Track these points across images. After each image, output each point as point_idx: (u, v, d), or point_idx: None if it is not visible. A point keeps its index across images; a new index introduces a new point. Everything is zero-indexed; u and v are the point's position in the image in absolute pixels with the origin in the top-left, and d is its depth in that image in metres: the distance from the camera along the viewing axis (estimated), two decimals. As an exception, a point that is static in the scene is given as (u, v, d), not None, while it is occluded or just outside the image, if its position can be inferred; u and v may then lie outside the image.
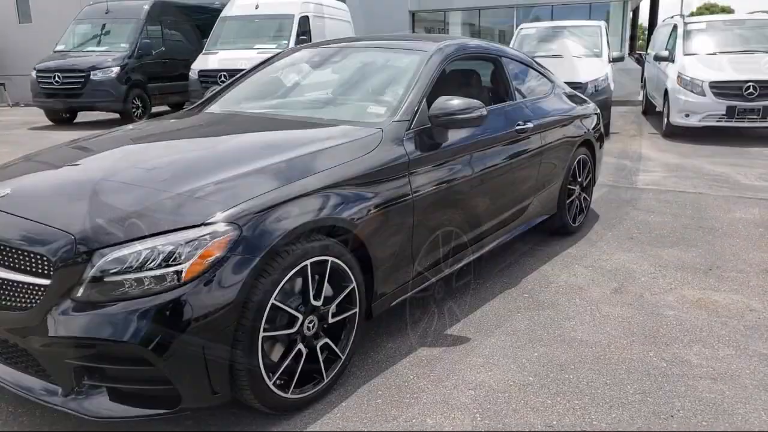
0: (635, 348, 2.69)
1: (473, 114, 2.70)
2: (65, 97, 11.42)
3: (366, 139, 2.52)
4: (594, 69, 9.02)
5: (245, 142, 2.62)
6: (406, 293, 2.72)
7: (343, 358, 2.34)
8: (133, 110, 11.68)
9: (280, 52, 3.66)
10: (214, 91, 3.53)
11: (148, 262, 1.85)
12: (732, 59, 8.61)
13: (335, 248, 2.22)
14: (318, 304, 2.20)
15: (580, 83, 8.73)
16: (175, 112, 3.61)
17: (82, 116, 12.84)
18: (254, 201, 2.02)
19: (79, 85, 11.24)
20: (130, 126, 3.17)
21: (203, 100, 3.48)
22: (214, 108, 3.31)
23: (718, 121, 8.20)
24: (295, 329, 2.12)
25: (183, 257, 1.86)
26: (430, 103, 2.76)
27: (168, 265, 1.85)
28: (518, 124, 3.41)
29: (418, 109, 2.73)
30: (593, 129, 4.44)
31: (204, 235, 1.88)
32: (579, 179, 4.30)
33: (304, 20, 11.78)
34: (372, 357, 2.62)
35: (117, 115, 11.82)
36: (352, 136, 2.53)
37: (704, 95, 8.21)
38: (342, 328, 2.35)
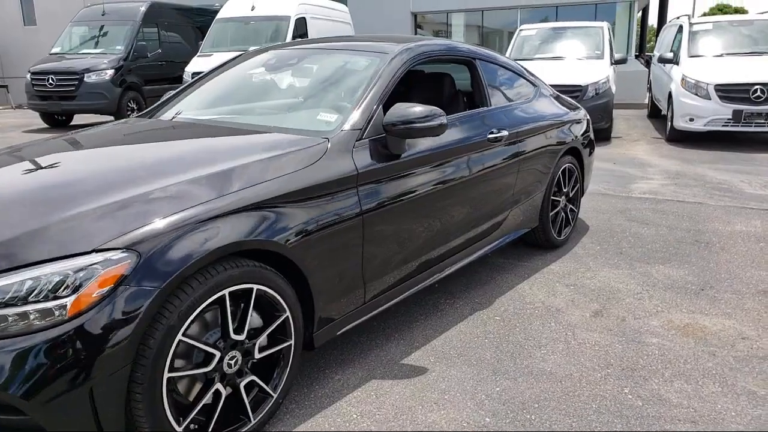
0: (609, 383, 2.42)
1: (432, 122, 2.45)
2: (59, 100, 11.29)
3: (308, 151, 2.28)
4: (594, 71, 8.73)
5: (172, 154, 2.37)
6: (357, 319, 2.47)
7: (275, 396, 2.10)
8: (129, 113, 11.53)
9: (239, 55, 3.43)
10: (169, 96, 3.31)
11: (33, 294, 1.62)
12: (739, 61, 8.28)
13: (263, 274, 1.97)
14: (241, 338, 1.95)
15: (580, 86, 8.47)
16: (123, 120, 3.38)
17: (79, 119, 12.72)
18: (161, 222, 1.77)
19: (73, 88, 11.11)
20: (71, 133, 2.95)
21: (155, 105, 3.26)
22: (164, 114, 3.08)
23: (723, 125, 7.87)
24: (211, 367, 1.88)
25: (70, 288, 1.62)
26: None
27: (55, 298, 1.62)
28: (491, 132, 3.15)
29: (372, 117, 2.48)
30: (581, 135, 4.17)
31: (94, 264, 1.65)
32: (565, 190, 4.03)
33: (301, 22, 11.58)
34: (316, 391, 2.37)
35: (112, 118, 11.69)
36: (292, 147, 2.28)
37: (709, 99, 7.89)
38: (275, 363, 2.11)
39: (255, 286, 1.95)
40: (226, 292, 1.86)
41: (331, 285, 2.25)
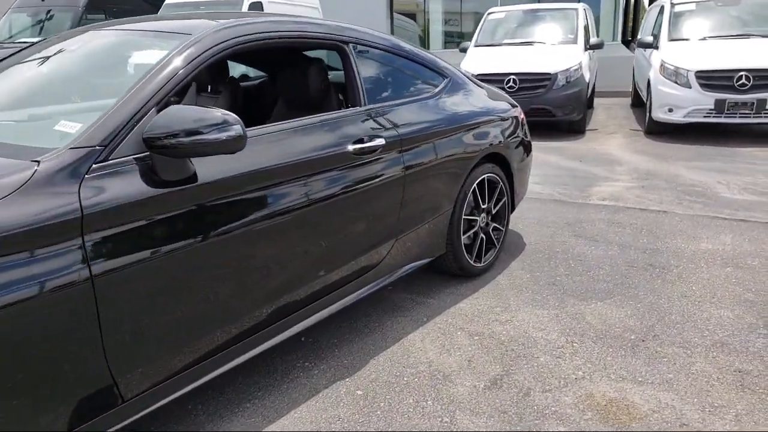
0: None
1: (217, 136, 1.68)
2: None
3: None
4: (566, 58, 7.91)
5: None
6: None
7: None
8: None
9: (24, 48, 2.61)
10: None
11: None
12: (723, 45, 7.46)
13: None
14: None
15: (548, 74, 7.68)
16: None
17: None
18: None
19: None
20: None
21: None
22: None
23: (705, 116, 7.07)
24: None
25: None
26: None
27: None
28: (357, 141, 2.37)
29: (128, 128, 1.70)
30: (509, 137, 3.39)
31: None
32: (485, 206, 3.26)
33: (257, 7, 10.73)
34: None
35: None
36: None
37: (690, 87, 7.08)
38: None
39: None
40: None
41: (17, 382, 1.48)
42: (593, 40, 8.60)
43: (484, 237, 3.28)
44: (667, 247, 3.69)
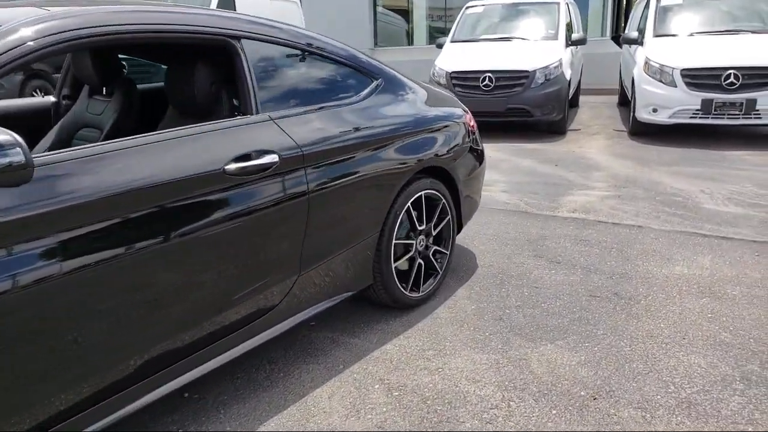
0: None
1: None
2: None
3: None
4: (545, 54, 7.47)
5: None
6: None
7: None
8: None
9: None
10: None
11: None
12: (711, 41, 7.02)
13: None
14: None
15: (526, 72, 7.24)
16: None
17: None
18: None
19: None
20: None
21: None
22: None
23: (691, 117, 6.63)
24: None
25: None
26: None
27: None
28: (241, 158, 1.92)
29: None
30: (452, 147, 2.94)
31: None
32: (423, 227, 2.81)
33: (228, 1, 10.24)
34: None
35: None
36: None
37: (675, 86, 6.65)
38: None
39: None
40: None
41: None
42: (575, 35, 8.15)
43: (422, 263, 2.84)
44: (636, 271, 3.26)
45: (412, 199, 2.67)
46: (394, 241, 2.61)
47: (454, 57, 7.85)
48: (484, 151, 3.35)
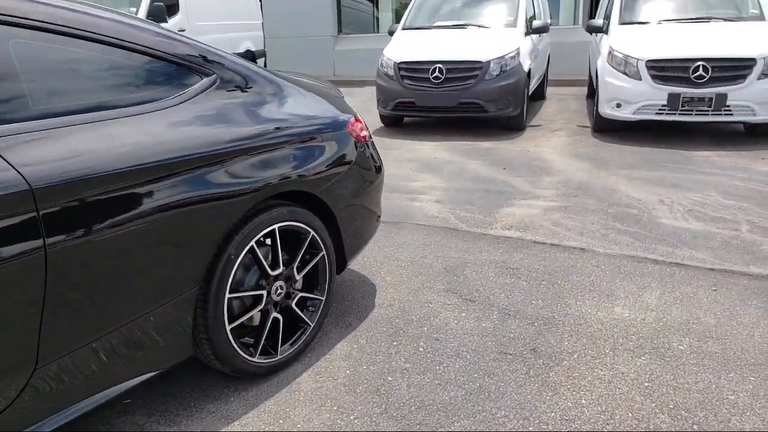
0: None
1: None
2: None
3: None
4: (501, 43, 6.81)
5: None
6: None
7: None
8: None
9: None
10: None
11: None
12: (680, 30, 6.42)
13: None
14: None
15: (479, 62, 6.59)
16: None
17: None
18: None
19: None
20: None
21: None
22: None
23: (657, 113, 6.03)
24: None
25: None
26: None
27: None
28: None
29: None
30: (326, 165, 2.27)
31: None
32: (279, 271, 2.16)
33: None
34: None
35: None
36: None
37: (640, 79, 6.04)
38: None
39: None
40: None
41: None
42: (537, 22, 7.49)
43: (280, 317, 2.19)
44: (566, 314, 2.64)
45: (258, 236, 2.02)
46: (228, 295, 1.95)
47: (404, 46, 7.18)
48: (380, 165, 2.70)
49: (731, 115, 5.79)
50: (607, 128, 6.66)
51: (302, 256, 2.26)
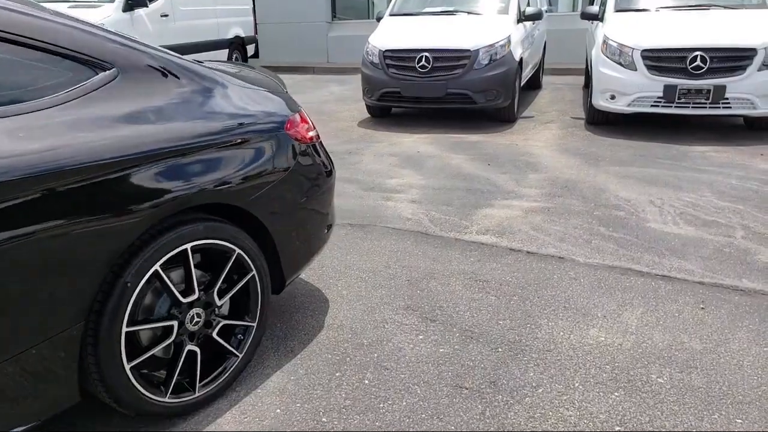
0: None
1: None
2: None
3: None
4: (491, 31, 6.47)
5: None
6: None
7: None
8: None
9: None
10: None
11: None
12: (678, 18, 6.08)
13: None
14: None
15: (467, 51, 6.27)
16: None
17: None
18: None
19: None
20: None
21: None
22: None
23: (653, 106, 5.71)
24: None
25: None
26: None
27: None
28: None
29: None
30: (257, 172, 1.99)
31: None
32: (194, 297, 1.87)
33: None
34: None
35: None
36: None
37: (635, 69, 5.72)
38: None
39: None
40: None
41: None
42: (530, 9, 7.13)
43: (197, 350, 1.91)
44: (535, 337, 2.36)
45: (164, 258, 1.74)
46: (126, 329, 1.68)
47: (390, 33, 6.84)
48: (331, 169, 2.41)
49: (730, 108, 5.47)
50: (601, 121, 6.34)
51: (227, 278, 1.98)
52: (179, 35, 9.51)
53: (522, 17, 7.03)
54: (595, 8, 6.99)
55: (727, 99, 5.40)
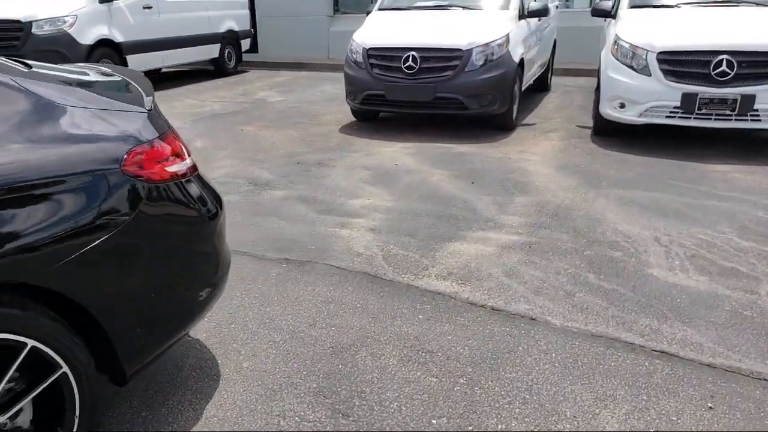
0: None
1: None
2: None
3: None
4: (488, 28, 5.79)
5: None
6: None
7: None
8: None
9: None
10: None
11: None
12: (701, 15, 5.34)
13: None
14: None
15: (459, 50, 5.60)
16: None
17: None
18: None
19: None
20: None
21: None
22: None
23: (668, 117, 5.00)
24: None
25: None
26: None
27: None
28: None
29: None
30: (58, 230, 1.39)
31: None
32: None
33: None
34: None
35: None
36: None
37: (649, 74, 5.00)
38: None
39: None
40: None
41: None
42: (534, 4, 6.42)
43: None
44: (475, 452, 1.74)
45: None
46: None
47: (376, 29, 6.20)
48: (214, 211, 1.80)
49: (759, 121, 4.73)
50: (609, 132, 5.63)
51: (20, 379, 1.38)
52: (165, 29, 8.92)
53: (524, 13, 6.33)
54: (608, 3, 6.25)
55: (756, 111, 4.66)
